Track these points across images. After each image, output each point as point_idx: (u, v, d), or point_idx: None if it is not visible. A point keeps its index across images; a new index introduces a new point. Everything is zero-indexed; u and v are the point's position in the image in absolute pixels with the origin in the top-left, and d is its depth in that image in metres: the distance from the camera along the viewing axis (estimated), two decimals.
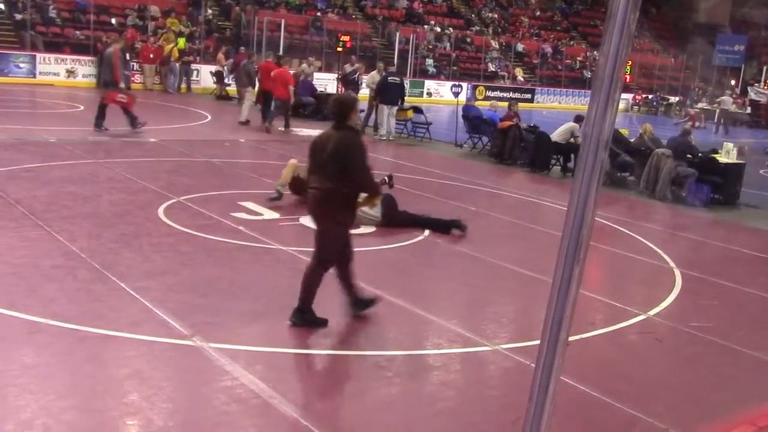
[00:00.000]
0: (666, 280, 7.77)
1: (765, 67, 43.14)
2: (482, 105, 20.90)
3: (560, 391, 1.91)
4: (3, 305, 5.26)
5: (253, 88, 18.46)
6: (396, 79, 18.07)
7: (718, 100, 33.91)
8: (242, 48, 25.39)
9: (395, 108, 17.65)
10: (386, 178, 9.84)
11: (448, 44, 36.21)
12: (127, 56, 24.02)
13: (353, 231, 7.01)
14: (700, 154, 13.17)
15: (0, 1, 25.23)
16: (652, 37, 46.37)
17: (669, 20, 48.90)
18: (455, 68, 35.21)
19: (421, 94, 31.88)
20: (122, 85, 15.11)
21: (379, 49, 32.75)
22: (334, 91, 22.50)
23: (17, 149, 11.64)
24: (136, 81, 24.32)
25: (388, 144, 17.06)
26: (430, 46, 35.47)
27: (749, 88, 40.21)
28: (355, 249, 7.67)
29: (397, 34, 33.19)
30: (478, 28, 39.35)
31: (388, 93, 17.47)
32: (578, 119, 14.56)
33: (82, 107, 19.02)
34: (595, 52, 39.87)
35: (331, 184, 5.33)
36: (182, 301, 5.73)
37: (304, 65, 23.81)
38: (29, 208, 8.04)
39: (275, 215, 8.90)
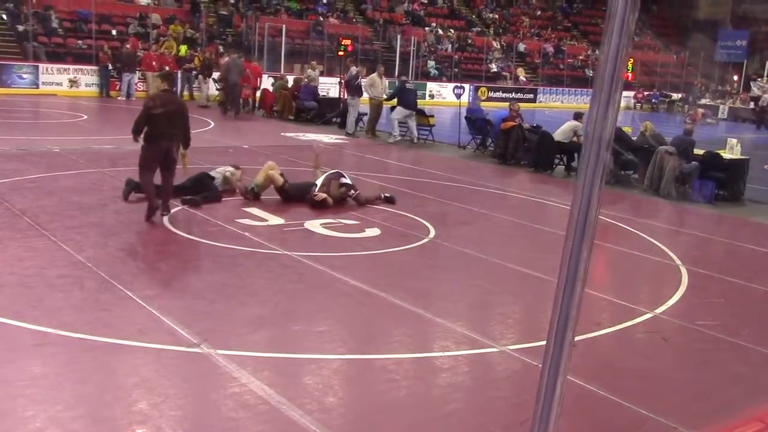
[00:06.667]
0: (672, 277, 7.75)
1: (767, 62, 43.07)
2: (485, 106, 20.89)
3: (568, 391, 1.90)
4: (10, 316, 5.28)
5: None
6: (411, 85, 18.90)
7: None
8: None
9: (414, 112, 18.12)
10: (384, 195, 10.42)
11: (450, 46, 36.23)
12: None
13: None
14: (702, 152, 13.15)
15: (2, 12, 25.34)
16: (653, 34, 46.33)
17: (670, 17, 48.86)
18: (457, 70, 35.22)
19: (423, 96, 31.90)
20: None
21: (381, 52, 32.79)
22: (337, 95, 22.52)
23: (21, 160, 11.68)
24: (139, 89, 24.40)
25: (387, 147, 17.09)
26: (432, 48, 35.50)
27: (752, 84, 40.15)
28: (362, 252, 7.75)
29: (398, 36, 33.21)
30: (479, 29, 39.38)
31: (408, 98, 18.08)
32: (578, 116, 14.52)
33: (85, 116, 19.10)
34: (596, 51, 39.82)
35: (181, 133, 8.38)
36: (189, 309, 5.74)
37: (309, 70, 23.82)
38: (34, 218, 8.07)
39: (280, 221, 8.92)
